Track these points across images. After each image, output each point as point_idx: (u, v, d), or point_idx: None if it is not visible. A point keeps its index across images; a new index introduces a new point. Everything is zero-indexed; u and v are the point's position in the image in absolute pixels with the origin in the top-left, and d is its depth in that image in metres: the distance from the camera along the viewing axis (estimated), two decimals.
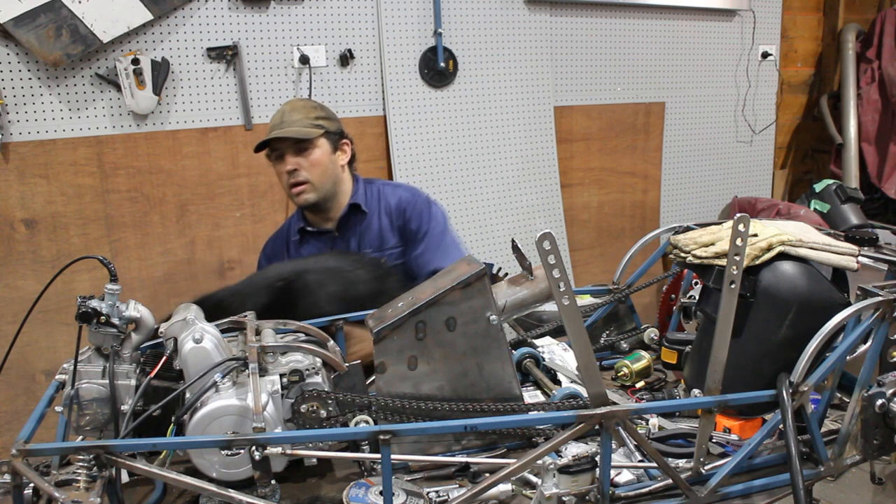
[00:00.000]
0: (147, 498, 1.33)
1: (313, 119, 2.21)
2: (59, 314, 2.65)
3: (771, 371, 1.40)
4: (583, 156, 3.76)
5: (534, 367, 1.79)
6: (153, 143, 2.83)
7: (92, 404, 1.34)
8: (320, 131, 2.20)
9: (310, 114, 2.22)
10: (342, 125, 2.32)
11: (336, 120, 2.30)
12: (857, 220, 3.76)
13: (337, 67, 3.09)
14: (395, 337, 1.40)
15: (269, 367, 1.39)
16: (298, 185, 2.20)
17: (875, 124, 4.19)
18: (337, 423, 1.37)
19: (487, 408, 1.40)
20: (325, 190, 2.24)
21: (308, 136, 2.18)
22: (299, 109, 2.23)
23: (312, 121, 2.20)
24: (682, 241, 1.59)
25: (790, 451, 1.25)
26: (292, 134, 2.17)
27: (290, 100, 2.48)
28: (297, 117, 2.20)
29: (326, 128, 2.22)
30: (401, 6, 3.15)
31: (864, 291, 1.40)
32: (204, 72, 2.86)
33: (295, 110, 2.22)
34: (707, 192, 4.16)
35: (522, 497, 1.30)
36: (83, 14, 2.56)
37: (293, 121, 2.19)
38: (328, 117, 2.26)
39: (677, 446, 1.47)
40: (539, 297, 1.54)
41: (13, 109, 2.60)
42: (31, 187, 2.67)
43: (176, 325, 1.43)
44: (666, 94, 3.92)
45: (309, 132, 2.18)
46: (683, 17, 3.86)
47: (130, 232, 2.85)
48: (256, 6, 2.90)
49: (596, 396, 1.24)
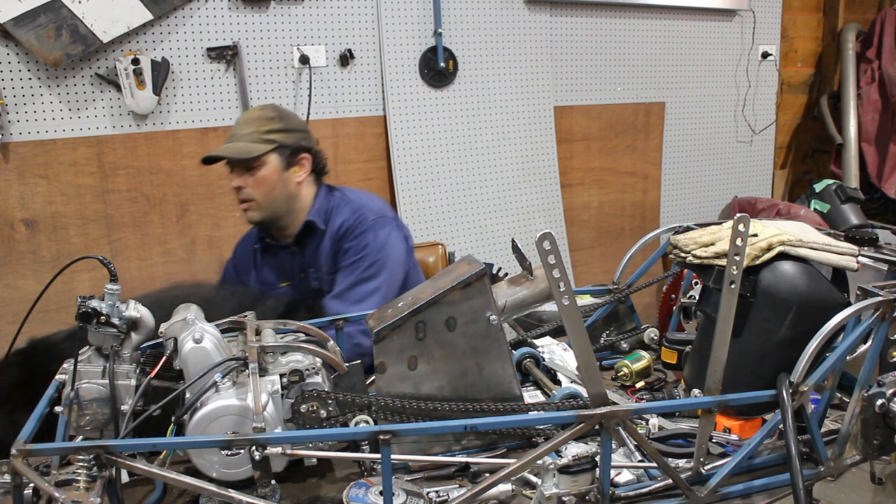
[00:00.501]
0: (147, 498, 1.33)
1: (264, 133, 2.04)
2: (59, 314, 2.65)
3: (771, 371, 1.39)
4: (583, 156, 3.76)
5: (534, 367, 1.79)
6: (153, 143, 2.84)
7: (92, 404, 1.34)
8: (269, 147, 2.03)
9: (262, 126, 2.05)
10: (307, 137, 2.14)
11: (298, 131, 2.11)
12: (857, 220, 3.76)
13: (337, 67, 3.09)
14: (395, 337, 1.40)
15: (269, 367, 1.39)
16: (244, 203, 2.07)
17: (875, 124, 4.19)
18: (337, 423, 1.37)
19: (487, 408, 1.40)
20: (274, 208, 2.08)
21: (249, 154, 2.01)
22: (252, 122, 2.07)
23: (263, 135, 2.03)
24: (682, 241, 1.59)
25: (790, 451, 1.25)
26: (232, 153, 2.03)
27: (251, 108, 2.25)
28: (247, 131, 2.05)
29: (279, 142, 2.04)
30: (401, 6, 3.15)
31: (864, 291, 1.40)
32: (204, 72, 2.86)
33: (248, 122, 2.07)
34: (707, 192, 4.16)
35: (522, 497, 1.30)
36: (83, 14, 2.56)
37: (241, 135, 2.05)
38: (286, 129, 2.07)
39: (677, 446, 1.47)
40: (539, 297, 1.54)
41: (13, 109, 2.60)
42: (31, 187, 2.67)
43: (176, 325, 1.43)
44: (666, 94, 3.92)
45: (252, 149, 2.01)
46: (683, 17, 3.86)
47: (130, 232, 2.85)
48: (256, 6, 2.90)
49: (596, 396, 1.24)
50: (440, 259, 2.65)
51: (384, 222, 2.09)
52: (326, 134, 3.12)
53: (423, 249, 2.67)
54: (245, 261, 2.27)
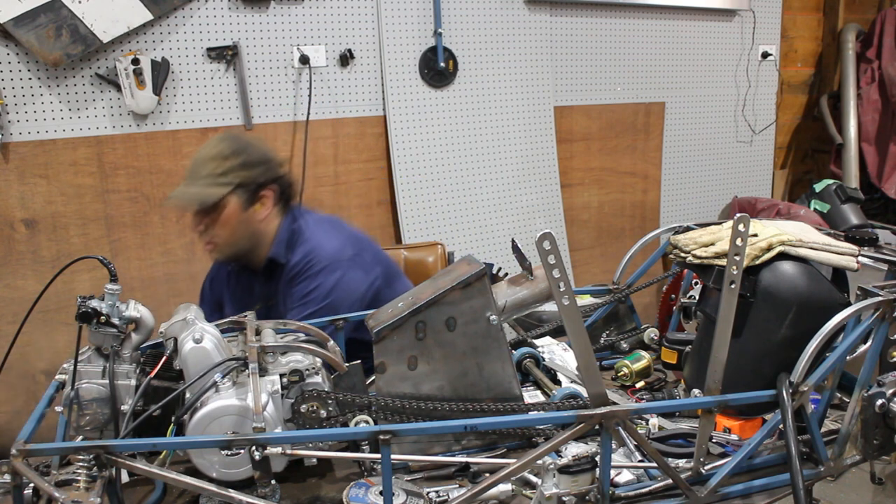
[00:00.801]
0: (147, 498, 1.33)
1: (219, 175, 1.93)
2: (59, 314, 2.66)
3: (771, 371, 1.40)
4: (583, 156, 3.76)
5: (534, 367, 1.79)
6: (153, 143, 2.83)
7: (92, 404, 1.34)
8: (226, 190, 1.92)
9: (218, 167, 1.93)
10: (268, 167, 2.02)
11: (258, 165, 1.99)
12: (857, 220, 3.76)
13: (337, 67, 3.09)
14: (395, 337, 1.40)
15: (269, 367, 1.39)
16: (207, 245, 2.01)
17: (875, 124, 4.19)
18: (337, 423, 1.37)
19: (487, 408, 1.40)
20: (238, 247, 2.01)
21: (205, 202, 1.92)
22: (207, 162, 1.95)
23: (218, 177, 1.92)
24: (682, 241, 1.59)
25: (790, 451, 1.25)
26: (187, 202, 1.96)
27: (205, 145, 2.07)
28: (203, 174, 1.94)
29: (237, 182, 1.93)
30: (401, 6, 3.15)
31: (864, 291, 1.41)
32: (204, 72, 2.86)
33: (203, 163, 1.96)
34: (707, 192, 4.16)
35: (522, 497, 1.30)
36: (83, 14, 2.56)
37: (197, 178, 1.94)
38: (244, 166, 1.96)
39: (677, 446, 1.47)
40: (539, 297, 1.54)
41: (13, 109, 2.60)
42: (31, 187, 2.67)
43: (176, 325, 1.43)
44: (666, 94, 3.92)
45: (208, 196, 1.91)
46: (683, 17, 3.86)
47: (130, 232, 2.85)
48: (256, 6, 2.90)
49: (596, 396, 1.24)
50: (440, 259, 2.65)
51: (334, 266, 2.00)
52: (326, 134, 3.12)
53: (423, 249, 2.67)
54: (220, 279, 2.22)
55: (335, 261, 2.01)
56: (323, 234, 2.08)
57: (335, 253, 2.02)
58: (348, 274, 2.00)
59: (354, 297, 2.00)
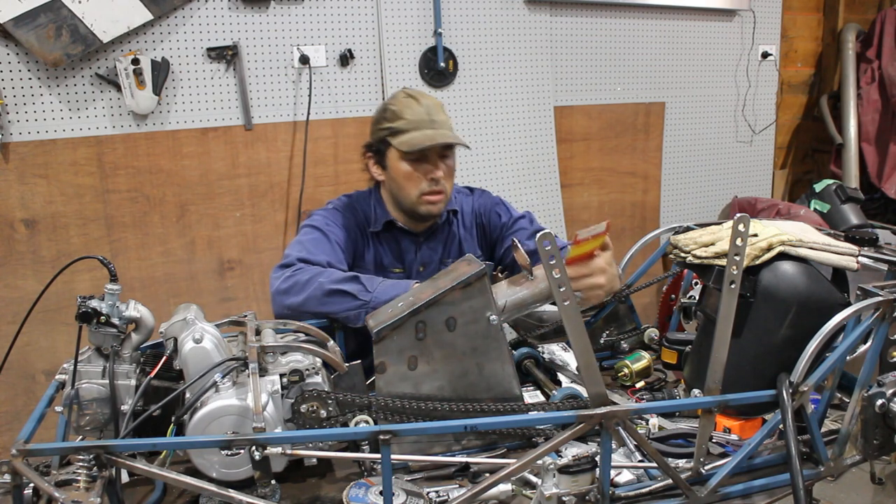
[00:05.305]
0: (147, 498, 1.33)
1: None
2: (59, 314, 2.65)
3: (771, 371, 1.39)
4: (583, 156, 3.76)
5: (534, 367, 1.79)
6: (153, 143, 2.83)
7: (92, 404, 1.34)
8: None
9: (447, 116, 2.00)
10: None
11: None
12: (857, 220, 3.76)
13: (337, 67, 3.09)
14: (395, 337, 1.40)
15: (269, 367, 1.39)
16: (436, 195, 1.96)
17: (875, 124, 4.20)
18: (337, 423, 1.37)
19: (487, 408, 1.40)
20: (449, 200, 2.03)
21: (461, 142, 1.95)
22: (440, 109, 1.98)
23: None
24: (682, 241, 1.59)
25: (790, 451, 1.25)
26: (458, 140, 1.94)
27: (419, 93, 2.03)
28: (443, 118, 1.97)
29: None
30: (401, 6, 3.15)
31: (864, 291, 1.40)
32: (204, 72, 2.86)
33: (438, 108, 1.98)
34: (707, 192, 4.16)
35: (522, 497, 1.30)
36: (83, 14, 2.56)
37: (443, 121, 1.95)
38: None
39: (677, 446, 1.47)
40: (539, 297, 1.54)
41: (13, 109, 2.60)
42: (31, 187, 2.67)
43: (176, 325, 1.43)
44: (666, 94, 3.92)
45: (459, 138, 1.94)
46: (683, 17, 3.86)
47: (130, 232, 2.85)
48: (256, 6, 2.90)
49: (596, 396, 1.24)
50: None
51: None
52: (326, 134, 3.12)
53: None
54: (356, 235, 2.04)
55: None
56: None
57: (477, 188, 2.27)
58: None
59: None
